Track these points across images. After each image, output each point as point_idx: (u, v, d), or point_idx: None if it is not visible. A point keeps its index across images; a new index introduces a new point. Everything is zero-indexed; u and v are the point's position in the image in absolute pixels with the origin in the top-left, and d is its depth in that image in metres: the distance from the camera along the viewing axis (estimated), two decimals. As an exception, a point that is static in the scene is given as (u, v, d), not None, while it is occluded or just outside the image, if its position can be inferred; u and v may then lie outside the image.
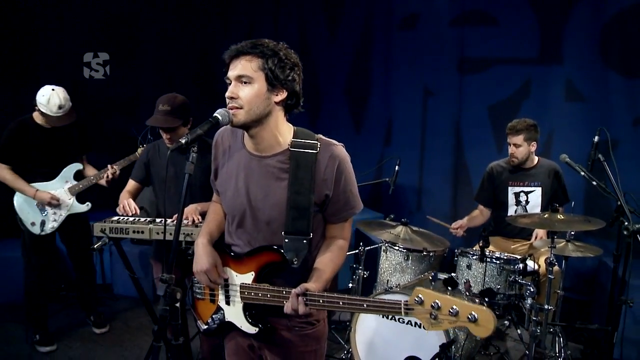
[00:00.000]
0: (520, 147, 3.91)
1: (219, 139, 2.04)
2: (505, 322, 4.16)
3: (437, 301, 1.60)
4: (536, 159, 4.03)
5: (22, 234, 3.86)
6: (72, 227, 3.93)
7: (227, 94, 1.78)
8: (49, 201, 3.74)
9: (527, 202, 3.98)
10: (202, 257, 1.93)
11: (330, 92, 6.05)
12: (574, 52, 4.51)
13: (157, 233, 2.96)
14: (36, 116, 3.75)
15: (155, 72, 5.78)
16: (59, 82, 3.77)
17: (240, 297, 1.91)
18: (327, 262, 1.89)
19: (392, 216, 4.07)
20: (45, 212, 3.80)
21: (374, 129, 5.78)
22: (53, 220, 3.82)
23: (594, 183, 3.33)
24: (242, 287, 1.90)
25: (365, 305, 1.71)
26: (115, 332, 4.26)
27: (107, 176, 3.72)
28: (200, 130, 1.78)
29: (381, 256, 3.90)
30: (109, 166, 3.74)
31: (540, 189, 3.95)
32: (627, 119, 4.34)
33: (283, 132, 1.87)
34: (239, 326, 1.96)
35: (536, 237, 3.83)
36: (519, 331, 3.64)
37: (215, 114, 1.78)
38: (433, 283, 3.37)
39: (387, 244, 3.84)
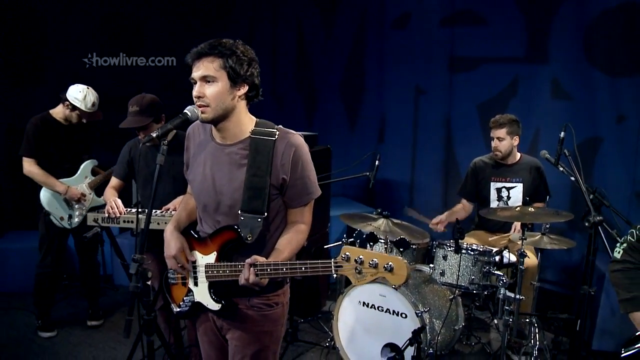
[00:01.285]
0: (504, 141, 4.02)
1: (191, 132, 2.20)
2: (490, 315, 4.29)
3: (360, 256, 1.77)
4: (518, 155, 4.14)
5: (42, 227, 4.02)
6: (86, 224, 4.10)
7: (194, 94, 1.93)
8: (79, 197, 3.97)
9: (508, 197, 4.10)
10: (170, 243, 2.10)
11: (325, 90, 6.20)
12: (560, 51, 4.61)
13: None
14: (56, 112, 3.94)
15: (158, 72, 5.93)
16: (63, 81, 3.97)
17: (205, 276, 2.07)
18: (286, 243, 2.03)
19: (379, 210, 4.19)
20: (72, 207, 4.01)
21: (367, 126, 5.92)
22: (79, 215, 4.03)
23: (572, 178, 3.44)
24: (207, 266, 2.06)
25: (303, 268, 1.86)
26: (114, 321, 4.45)
27: None
28: (170, 124, 1.95)
29: (367, 249, 4.04)
30: None
31: (521, 184, 4.06)
32: (611, 117, 4.44)
33: (245, 122, 2.03)
34: (205, 305, 2.10)
35: (514, 230, 3.95)
36: (495, 321, 3.75)
37: (185, 110, 1.94)
38: (358, 241, 3.77)
39: (372, 237, 3.97)
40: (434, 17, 5.22)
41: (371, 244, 3.45)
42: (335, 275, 1.83)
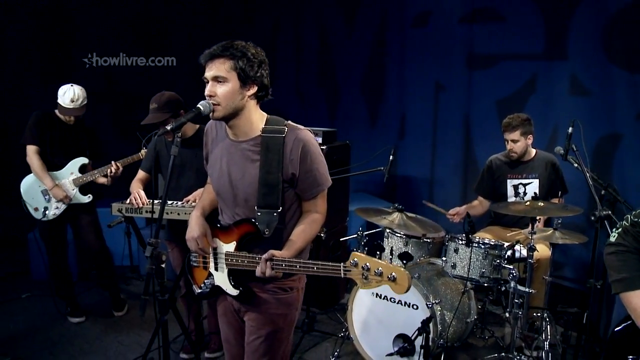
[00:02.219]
0: (518, 142, 4.06)
1: (208, 129, 2.35)
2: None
3: (367, 263, 1.89)
4: (534, 151, 4.17)
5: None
6: (80, 219, 4.26)
7: (206, 93, 2.07)
8: (61, 198, 4.07)
9: (525, 193, 4.13)
10: (194, 227, 2.25)
11: (347, 87, 6.30)
12: (579, 47, 4.60)
13: (168, 213, 3.30)
14: (58, 111, 4.11)
15: (184, 72, 6.10)
16: (92, 81, 4.15)
17: (225, 263, 2.21)
18: (299, 233, 2.16)
19: (397, 205, 4.25)
20: (49, 200, 4.12)
21: (388, 122, 6.00)
22: (55, 208, 4.13)
23: (587, 174, 3.48)
24: (227, 254, 2.20)
25: (315, 268, 1.99)
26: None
27: (110, 171, 3.99)
28: (184, 118, 2.09)
29: (384, 242, 4.13)
30: (112, 162, 4.00)
31: (537, 180, 4.09)
32: (630, 113, 4.41)
33: (256, 120, 2.15)
34: (224, 289, 2.25)
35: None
36: (506, 314, 3.80)
37: (198, 105, 2.08)
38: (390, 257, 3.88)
39: (388, 231, 4.06)
40: (453, 14, 5.27)
41: (404, 262, 3.55)
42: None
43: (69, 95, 3.99)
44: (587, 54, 4.56)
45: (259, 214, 2.10)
